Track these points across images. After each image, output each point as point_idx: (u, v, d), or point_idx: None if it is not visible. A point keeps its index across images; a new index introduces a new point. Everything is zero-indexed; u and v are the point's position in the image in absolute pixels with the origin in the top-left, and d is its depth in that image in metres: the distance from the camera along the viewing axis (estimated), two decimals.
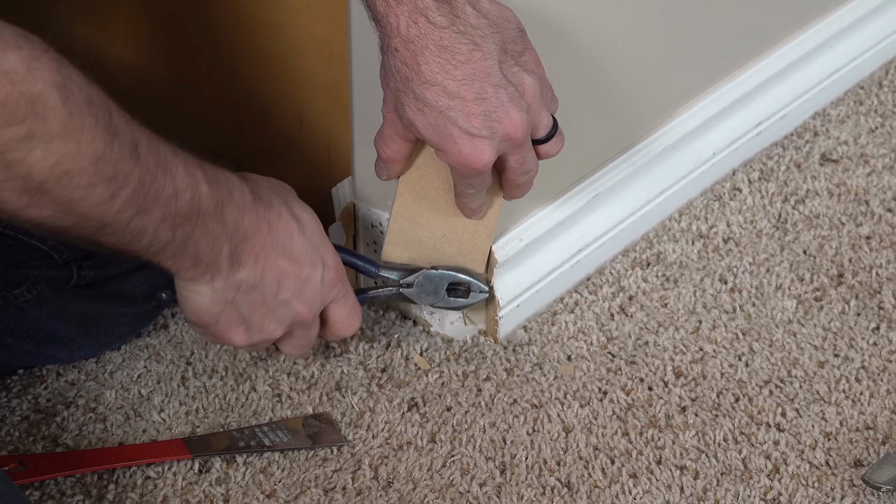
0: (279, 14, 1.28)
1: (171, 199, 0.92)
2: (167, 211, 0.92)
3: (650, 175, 1.37)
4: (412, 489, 1.11)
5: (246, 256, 1.01)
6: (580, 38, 1.22)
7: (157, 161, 0.90)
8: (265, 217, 1.02)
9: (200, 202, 0.95)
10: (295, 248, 1.04)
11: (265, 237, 1.02)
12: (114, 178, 0.86)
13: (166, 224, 0.93)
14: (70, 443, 1.14)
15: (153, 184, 0.90)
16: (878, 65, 1.66)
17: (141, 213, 0.90)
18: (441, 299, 1.18)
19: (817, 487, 1.11)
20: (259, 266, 1.02)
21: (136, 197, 0.88)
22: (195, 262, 0.98)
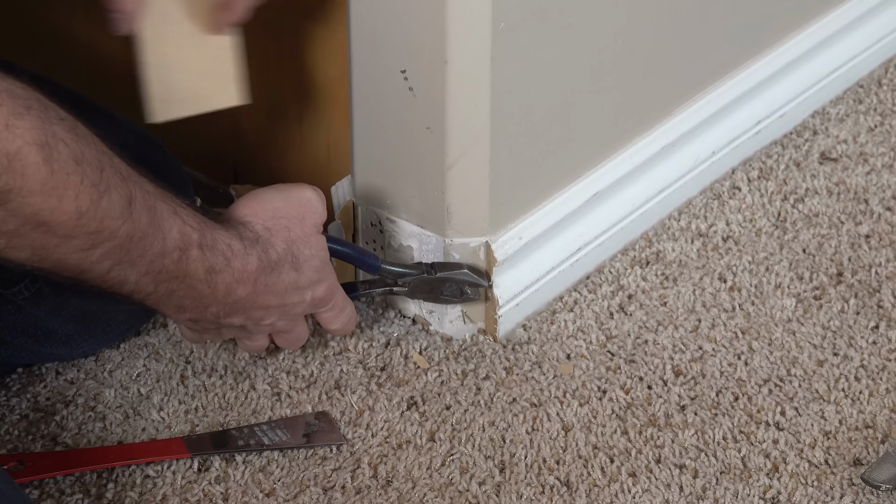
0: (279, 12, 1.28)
1: (158, 257, 0.93)
2: (151, 267, 0.93)
3: (649, 174, 1.37)
4: (411, 488, 1.11)
5: (235, 312, 1.05)
6: (579, 35, 1.22)
7: (150, 219, 0.90)
8: (263, 282, 1.04)
9: (188, 265, 0.96)
10: (286, 296, 1.07)
11: (260, 297, 1.05)
12: (97, 232, 0.87)
13: (149, 278, 0.94)
14: (69, 441, 1.14)
15: (141, 241, 0.90)
16: (878, 63, 1.66)
17: (123, 265, 0.91)
18: (437, 300, 1.21)
19: (816, 486, 1.11)
20: (248, 315, 1.06)
21: (118, 251, 0.89)
22: (178, 312, 1.01)
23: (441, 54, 1.12)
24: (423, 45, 1.12)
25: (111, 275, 0.91)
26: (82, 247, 0.87)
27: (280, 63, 1.31)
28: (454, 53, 1.12)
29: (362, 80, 1.19)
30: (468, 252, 1.22)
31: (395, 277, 1.20)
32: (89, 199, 0.84)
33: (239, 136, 1.39)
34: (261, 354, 1.22)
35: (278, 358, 1.22)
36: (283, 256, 1.06)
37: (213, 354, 1.22)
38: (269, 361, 1.22)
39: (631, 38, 1.28)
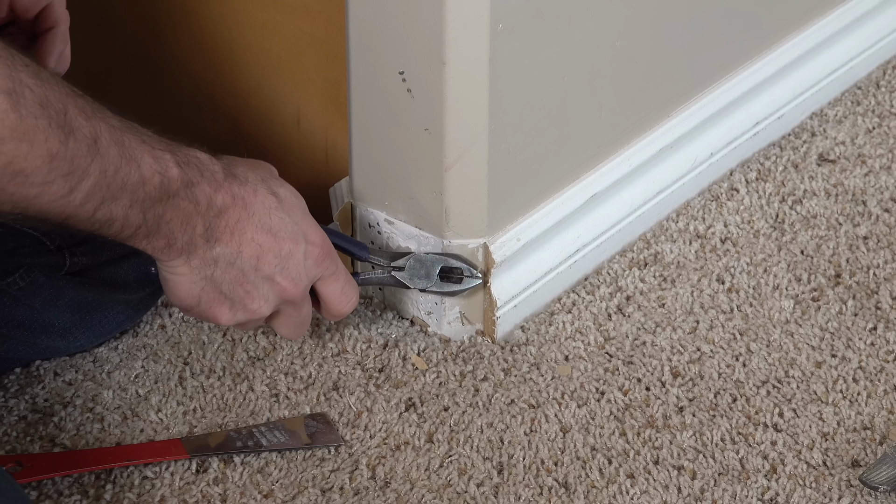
0: (277, 13, 1.28)
1: (139, 185, 0.93)
2: (135, 197, 0.93)
3: (648, 175, 1.37)
4: (410, 489, 1.11)
5: (221, 232, 1.01)
6: (578, 37, 1.22)
7: (120, 151, 0.91)
8: (239, 193, 1.02)
9: (170, 185, 0.95)
10: (273, 223, 1.04)
11: (240, 212, 1.02)
12: (71, 173, 0.87)
13: (135, 209, 0.93)
14: (67, 443, 1.14)
15: (116, 174, 0.90)
16: (876, 65, 1.66)
17: (106, 202, 0.91)
18: (434, 283, 1.19)
19: (814, 488, 1.11)
20: (235, 241, 1.02)
21: (98, 188, 0.89)
22: (170, 242, 0.99)
23: (439, 56, 1.12)
24: (422, 46, 1.13)
25: (97, 215, 0.91)
26: (61, 192, 0.87)
27: (278, 64, 1.31)
28: (452, 55, 1.12)
29: (361, 82, 1.19)
30: (466, 253, 1.22)
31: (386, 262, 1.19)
32: (58, 141, 0.85)
33: (237, 138, 1.39)
34: (259, 356, 1.22)
35: (276, 359, 1.22)
36: (249, 176, 1.04)
37: (211, 356, 1.22)
38: (267, 363, 1.22)
39: (629, 40, 1.28)
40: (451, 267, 1.20)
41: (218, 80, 1.36)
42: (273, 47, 1.30)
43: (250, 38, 1.32)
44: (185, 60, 1.38)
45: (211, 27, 1.34)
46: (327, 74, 1.27)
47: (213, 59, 1.36)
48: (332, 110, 1.28)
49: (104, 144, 0.89)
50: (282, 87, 1.32)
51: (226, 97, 1.37)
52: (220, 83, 1.37)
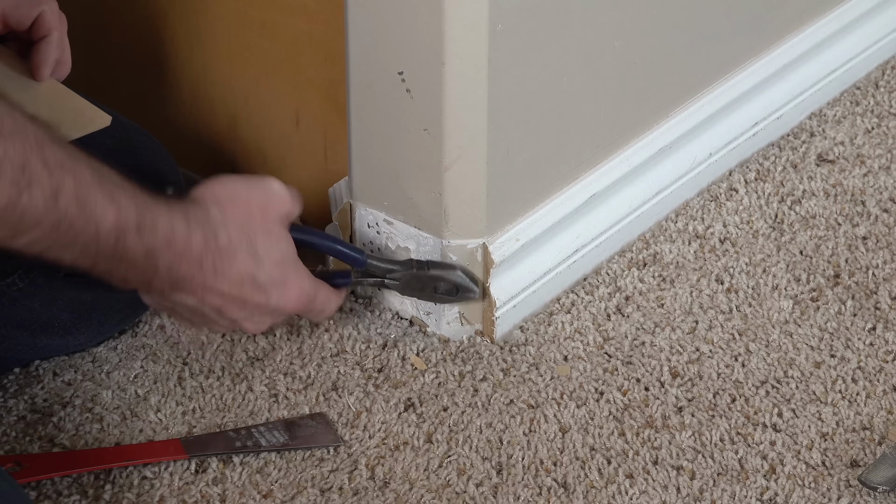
0: (276, 14, 1.28)
1: (92, 241, 0.93)
2: (87, 250, 0.93)
3: (647, 175, 1.37)
4: (409, 489, 1.11)
5: (181, 289, 1.02)
6: (577, 37, 1.22)
7: (79, 210, 0.90)
8: (212, 264, 1.02)
9: (126, 249, 0.95)
10: (245, 290, 1.04)
11: (208, 278, 1.02)
12: (18, 224, 0.87)
13: (86, 258, 0.94)
14: (67, 443, 1.14)
15: (70, 229, 0.90)
16: (875, 65, 1.66)
17: (54, 249, 0.91)
18: (426, 295, 1.20)
19: (813, 488, 1.11)
20: (198, 296, 1.03)
21: (46, 238, 0.90)
22: (124, 284, 0.99)
23: (438, 56, 1.12)
24: (421, 46, 1.13)
25: (44, 256, 0.92)
26: (5, 235, 0.88)
27: (277, 64, 1.31)
28: (451, 55, 1.12)
29: (360, 82, 1.19)
30: (465, 253, 1.22)
31: (382, 273, 1.19)
32: (7, 196, 0.86)
33: (236, 138, 1.39)
34: (258, 356, 1.22)
35: (275, 359, 1.22)
36: (236, 241, 1.03)
37: (210, 356, 1.22)
38: (266, 363, 1.22)
39: (628, 41, 1.28)
40: (448, 282, 1.20)
41: (217, 80, 1.36)
42: (272, 47, 1.30)
43: (249, 38, 1.32)
44: (185, 60, 1.38)
45: (210, 27, 1.34)
46: (326, 74, 1.27)
47: (212, 58, 1.36)
48: (332, 110, 1.28)
49: (64, 201, 0.89)
50: (281, 87, 1.32)
51: (225, 97, 1.37)
52: (219, 83, 1.37)
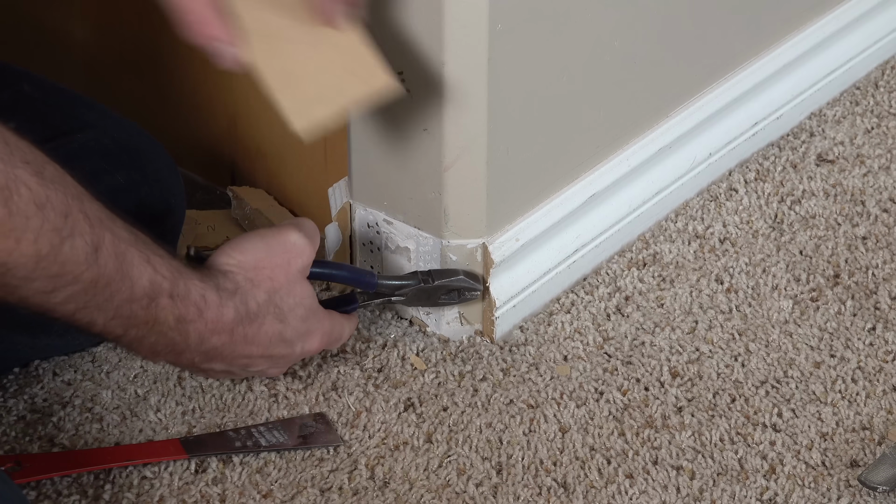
0: None
1: (126, 303, 0.92)
2: (119, 312, 0.92)
3: (646, 175, 1.37)
4: (408, 489, 1.11)
5: (211, 360, 1.03)
6: (576, 37, 1.22)
7: (117, 266, 0.90)
8: (241, 333, 1.03)
9: (157, 313, 0.95)
10: (272, 348, 1.06)
11: (238, 347, 1.03)
12: (58, 276, 0.87)
13: (118, 322, 0.93)
14: (66, 443, 1.14)
15: (107, 287, 0.90)
16: (875, 65, 1.66)
17: (89, 309, 0.91)
18: (431, 304, 1.22)
19: (813, 488, 1.11)
20: (227, 361, 1.05)
21: (82, 295, 0.89)
22: (153, 356, 1.00)
23: (438, 56, 1.12)
24: (421, 47, 1.13)
25: (77, 317, 0.91)
26: (44, 289, 0.87)
27: None
28: (451, 55, 1.12)
29: None
30: (465, 253, 1.22)
31: (392, 290, 1.19)
32: (49, 244, 0.85)
33: (236, 138, 1.39)
34: None
35: None
36: (265, 307, 1.05)
37: None
38: None
39: (628, 40, 1.28)
40: (454, 288, 1.20)
41: (217, 80, 1.36)
42: None
43: None
44: (185, 60, 1.38)
45: None
46: None
47: None
48: None
49: (103, 256, 0.89)
50: None
51: (225, 97, 1.37)
52: (219, 83, 1.37)
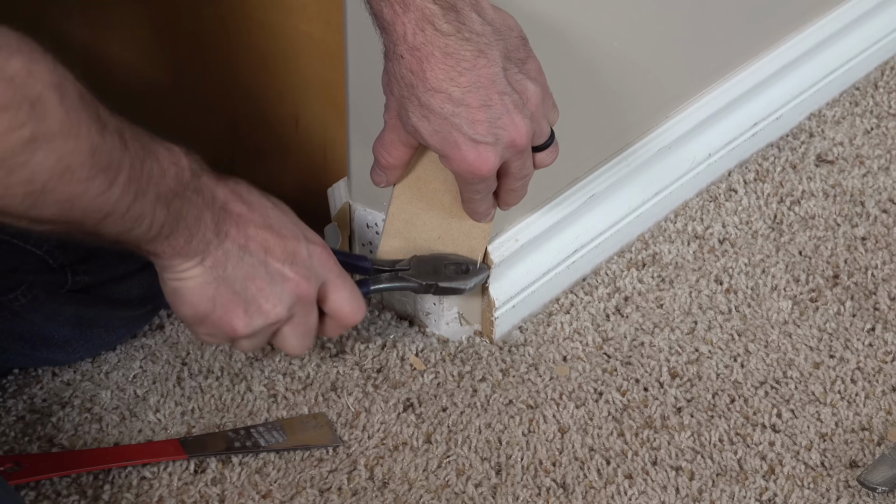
0: (275, 14, 1.28)
1: (161, 177, 0.92)
2: (159, 190, 0.92)
3: (646, 176, 1.37)
4: (408, 490, 1.11)
5: (228, 225, 0.99)
6: (576, 37, 1.22)
7: (141, 145, 0.90)
8: (236, 189, 1.01)
9: (183, 175, 0.95)
10: (273, 221, 1.02)
11: (241, 208, 1.01)
12: (109, 166, 0.87)
13: (161, 204, 0.93)
14: (66, 443, 1.14)
15: (143, 166, 0.90)
16: (874, 66, 1.66)
17: (139, 197, 0.90)
18: (444, 278, 1.17)
19: (812, 488, 1.11)
20: (242, 235, 1.00)
21: (131, 182, 0.89)
22: (188, 240, 0.97)
23: None
24: None
25: (131, 211, 0.90)
26: (102, 187, 0.87)
27: (277, 65, 1.31)
28: None
29: (359, 82, 1.19)
30: None
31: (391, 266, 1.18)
32: (98, 134, 0.85)
33: (236, 138, 1.39)
34: (257, 356, 1.22)
35: (275, 360, 1.22)
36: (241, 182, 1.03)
37: (209, 356, 1.22)
38: (265, 363, 1.22)
39: (627, 40, 1.28)
40: (454, 262, 1.19)
41: (216, 80, 1.36)
42: (272, 48, 1.30)
43: (249, 39, 1.32)
44: (184, 61, 1.38)
45: (209, 28, 1.34)
46: (326, 75, 1.27)
47: (211, 59, 1.36)
48: (331, 111, 1.28)
49: (129, 138, 0.89)
50: (280, 87, 1.32)
51: (224, 98, 1.37)
52: (218, 84, 1.37)
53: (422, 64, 0.99)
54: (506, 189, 1.10)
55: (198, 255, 0.98)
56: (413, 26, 0.99)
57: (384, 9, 0.99)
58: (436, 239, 1.16)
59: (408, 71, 1.00)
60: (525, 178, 1.09)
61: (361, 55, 1.17)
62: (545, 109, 1.06)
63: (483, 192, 1.09)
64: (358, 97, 1.20)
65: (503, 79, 1.01)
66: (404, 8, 0.98)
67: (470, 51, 1.00)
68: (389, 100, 1.04)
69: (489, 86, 1.01)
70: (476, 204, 1.12)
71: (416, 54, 0.99)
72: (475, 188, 1.08)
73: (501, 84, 1.01)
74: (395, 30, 0.99)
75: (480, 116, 1.01)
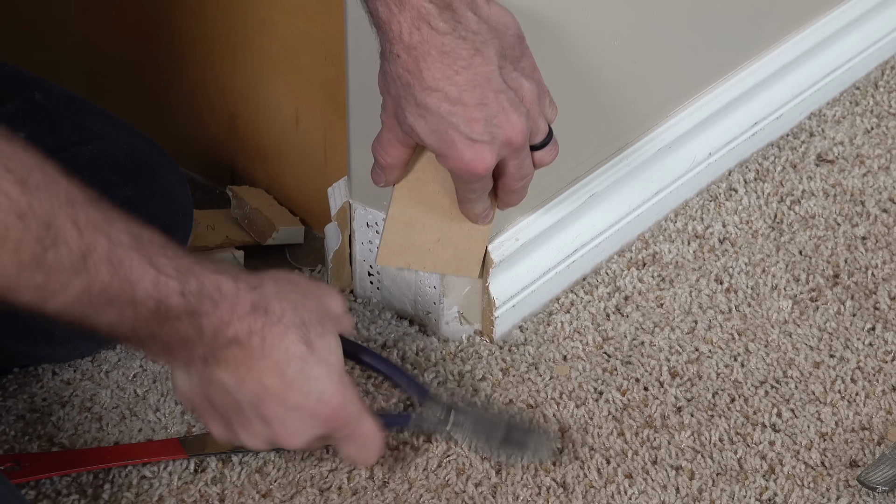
0: (275, 13, 1.28)
1: (128, 306, 0.89)
2: (123, 315, 0.89)
3: (646, 175, 1.37)
4: (408, 489, 1.11)
5: (224, 361, 0.95)
6: (576, 37, 1.22)
7: (112, 271, 0.87)
8: (261, 331, 0.95)
9: (167, 312, 0.90)
10: (290, 372, 0.96)
11: (255, 350, 0.95)
12: (45, 285, 0.84)
13: (124, 325, 0.90)
14: (66, 442, 1.14)
15: (103, 293, 0.87)
16: (875, 65, 1.66)
17: (88, 316, 0.88)
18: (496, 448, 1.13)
19: (813, 488, 1.11)
20: (238, 375, 0.96)
21: (78, 304, 0.86)
22: (166, 353, 0.95)
23: None
24: None
25: (82, 321, 0.88)
26: (34, 299, 0.85)
27: (277, 64, 1.31)
28: None
29: (359, 81, 1.19)
30: None
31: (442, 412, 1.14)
32: (31, 253, 0.82)
33: (236, 137, 1.39)
34: None
35: None
36: (287, 315, 0.96)
37: None
38: None
39: (627, 40, 1.28)
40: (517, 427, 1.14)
41: (216, 79, 1.36)
42: (271, 47, 1.30)
43: (249, 38, 1.32)
44: (184, 60, 1.38)
45: (210, 27, 1.34)
46: (326, 74, 1.27)
47: (211, 58, 1.36)
48: (331, 110, 1.28)
49: (94, 262, 0.86)
50: (280, 86, 1.32)
51: (224, 97, 1.37)
52: (218, 83, 1.37)
53: (418, 63, 0.99)
54: (505, 190, 1.10)
55: (180, 365, 0.97)
56: (409, 25, 0.98)
57: (380, 7, 0.99)
58: (434, 242, 1.15)
59: (404, 70, 0.99)
60: (525, 179, 1.09)
61: (361, 55, 1.17)
62: (541, 107, 1.06)
63: (479, 191, 1.09)
64: (358, 97, 1.20)
65: (499, 77, 1.01)
66: (400, 7, 0.98)
67: (466, 49, 0.99)
68: (386, 100, 1.04)
69: (485, 84, 1.00)
70: (472, 204, 1.11)
71: (413, 53, 0.99)
72: (471, 187, 1.08)
73: (497, 82, 1.01)
74: (390, 28, 0.99)
75: (477, 115, 1.00)
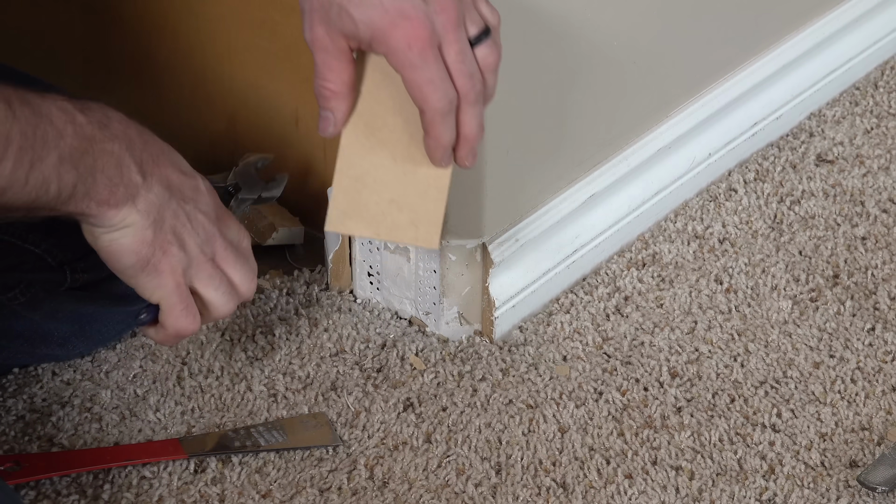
0: (275, 13, 1.28)
1: (58, 139, 0.90)
2: (61, 152, 0.90)
3: (646, 176, 1.37)
4: (408, 489, 1.11)
5: (148, 165, 0.98)
6: (576, 37, 1.22)
7: (31, 110, 0.89)
8: (139, 130, 0.99)
9: (84, 130, 0.93)
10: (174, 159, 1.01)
11: (151, 146, 0.99)
12: None
13: (66, 165, 0.91)
14: (65, 442, 1.14)
15: (35, 132, 0.89)
16: (874, 65, 1.66)
17: (36, 165, 0.89)
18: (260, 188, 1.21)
19: (812, 488, 1.11)
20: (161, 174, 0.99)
21: (24, 151, 0.88)
22: (111, 188, 0.95)
23: None
24: None
25: (31, 180, 0.89)
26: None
27: (277, 64, 1.31)
28: None
29: None
30: (464, 254, 1.22)
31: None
32: None
33: (235, 137, 1.39)
34: (257, 356, 1.22)
35: (275, 359, 1.22)
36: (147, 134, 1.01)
37: (209, 356, 1.22)
38: (265, 363, 1.22)
39: (627, 40, 1.28)
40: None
41: (216, 79, 1.36)
42: (271, 47, 1.30)
43: (249, 38, 1.32)
44: (184, 59, 1.38)
45: (209, 26, 1.34)
46: None
47: (211, 58, 1.36)
48: None
49: (17, 104, 0.88)
50: (280, 86, 1.32)
51: (224, 96, 1.37)
52: (218, 82, 1.37)
53: None
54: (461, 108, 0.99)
55: (128, 200, 0.97)
56: None
57: None
58: (388, 202, 1.03)
59: None
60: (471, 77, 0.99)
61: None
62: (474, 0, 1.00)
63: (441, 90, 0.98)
64: None
65: None
66: None
67: None
68: (311, 14, 0.98)
69: None
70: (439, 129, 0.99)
71: None
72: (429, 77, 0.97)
73: None
74: None
75: None
